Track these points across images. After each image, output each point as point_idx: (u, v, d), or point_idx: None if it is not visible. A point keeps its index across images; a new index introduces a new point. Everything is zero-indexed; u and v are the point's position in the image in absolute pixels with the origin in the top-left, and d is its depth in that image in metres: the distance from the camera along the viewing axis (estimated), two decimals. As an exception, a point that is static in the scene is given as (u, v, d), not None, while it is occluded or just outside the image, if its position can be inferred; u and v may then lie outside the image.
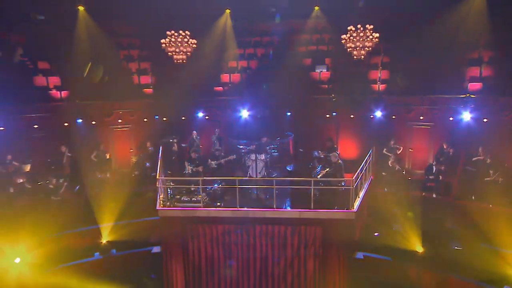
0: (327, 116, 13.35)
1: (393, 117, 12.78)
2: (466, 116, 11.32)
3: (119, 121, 13.11)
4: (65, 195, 11.07)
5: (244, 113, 13.40)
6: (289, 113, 13.55)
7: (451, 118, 11.87)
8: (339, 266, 9.30)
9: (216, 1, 15.91)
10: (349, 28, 13.23)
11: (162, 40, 13.84)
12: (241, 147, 11.83)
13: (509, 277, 8.33)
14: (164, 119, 13.38)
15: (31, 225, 9.68)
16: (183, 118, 13.63)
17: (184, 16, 14.54)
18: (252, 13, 17.11)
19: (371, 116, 12.86)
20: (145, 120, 13.33)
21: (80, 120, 12.33)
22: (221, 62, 14.95)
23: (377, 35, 13.20)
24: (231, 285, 9.67)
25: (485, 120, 11.20)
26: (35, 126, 11.83)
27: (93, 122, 12.58)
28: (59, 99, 12.99)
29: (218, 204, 9.60)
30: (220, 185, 10.10)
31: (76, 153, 12.00)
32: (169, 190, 9.75)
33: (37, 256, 9.54)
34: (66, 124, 12.22)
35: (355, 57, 13.58)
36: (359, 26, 13.08)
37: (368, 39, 13.20)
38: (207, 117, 13.81)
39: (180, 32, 13.82)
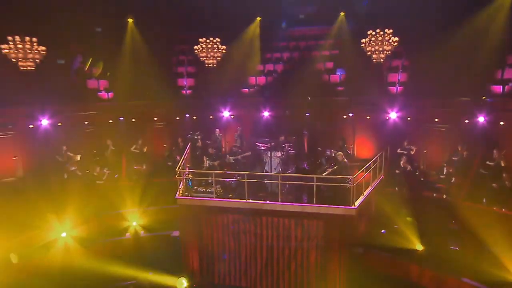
0: (344, 117, 13.21)
1: (408, 118, 12.34)
2: (481, 118, 10.67)
3: (155, 119, 14.00)
4: (107, 182, 12.13)
5: (266, 113, 13.71)
6: (308, 114, 13.56)
7: (466, 121, 11.25)
8: (340, 259, 9.33)
9: (248, 8, 16.40)
10: (368, 32, 12.97)
11: (196, 47, 14.53)
12: (259, 144, 12.16)
13: (507, 282, 7.85)
14: (194, 117, 14.08)
15: (78, 205, 10.86)
16: (210, 117, 14.24)
17: (217, 24, 15.11)
18: (281, 19, 17.39)
19: (387, 118, 12.54)
20: (177, 118, 14.10)
21: (122, 118, 13.39)
22: (248, 65, 15.29)
23: (397, 39, 12.80)
24: (240, 270, 10.07)
25: (501, 123, 10.49)
26: (86, 123, 13.08)
27: (133, 120, 13.58)
28: (106, 99, 14.19)
29: (230, 196, 10.00)
30: (237, 179, 10.48)
31: (118, 146, 13.11)
32: (189, 181, 10.35)
33: (80, 232, 10.65)
34: (110, 121, 13.35)
35: (374, 60, 13.28)
36: (378, 30, 12.77)
37: (387, 42, 12.85)
38: (232, 117, 14.28)
39: (211, 39, 14.42)
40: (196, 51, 14.60)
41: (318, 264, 9.54)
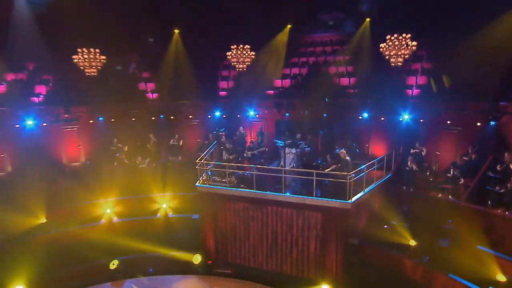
0: (360, 118, 13.06)
1: (421, 120, 11.87)
2: (493, 122, 10.01)
3: (190, 117, 15.08)
4: (147, 170, 13.42)
5: (288, 113, 14.06)
6: (325, 115, 13.62)
7: (478, 124, 10.57)
8: (337, 248, 9.51)
9: (280, 15, 16.80)
10: (387, 37, 12.67)
11: (228, 53, 15.29)
12: (277, 141, 12.60)
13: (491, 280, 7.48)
14: (224, 116, 14.88)
15: (122, 188, 12.29)
16: (238, 116, 14.94)
17: (249, 31, 15.75)
18: (310, 25, 17.48)
19: (400, 119, 12.18)
20: (209, 116, 15.01)
21: (162, 116, 14.66)
22: (273, 69, 15.68)
23: (415, 43, 12.37)
24: (249, 251, 10.65)
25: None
26: (133, 119, 14.55)
27: (172, 117, 14.79)
28: (151, 99, 15.59)
29: (242, 186, 10.60)
30: (253, 171, 11.01)
31: (159, 140, 14.39)
32: (209, 172, 11.16)
33: (121, 210, 12.04)
34: (153, 118, 14.69)
35: (392, 64, 12.94)
36: (395, 35, 12.44)
37: (404, 47, 12.47)
38: (257, 116, 14.84)
39: (241, 46, 15.07)
40: (228, 56, 15.35)
41: (317, 252, 9.80)
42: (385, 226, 10.14)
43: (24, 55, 13.38)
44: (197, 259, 10.50)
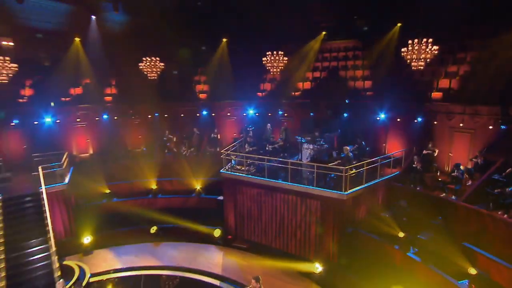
0: (378, 118, 13.23)
1: (435, 122, 11.70)
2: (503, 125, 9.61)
3: (228, 114, 16.72)
4: (190, 158, 15.38)
5: (312, 113, 14.81)
6: (346, 115, 14.04)
7: (490, 127, 10.17)
8: (333, 233, 10.18)
9: (316, 23, 17.50)
10: (409, 42, 12.63)
11: (264, 59, 16.50)
12: (298, 137, 13.49)
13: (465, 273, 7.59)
14: (257, 114, 16.19)
15: (167, 171, 14.40)
16: (269, 114, 16.10)
17: (285, 38, 16.75)
18: (342, 31, 17.72)
19: (415, 120, 12.14)
20: (244, 114, 16.45)
21: (205, 112, 16.55)
22: (301, 73, 16.45)
23: (436, 47, 12.14)
24: (261, 230, 11.84)
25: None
26: (182, 115, 16.70)
27: (213, 114, 16.60)
28: (202, 99, 17.54)
29: (258, 174, 11.79)
30: (271, 163, 12.11)
31: (201, 133, 16.30)
32: (233, 161, 12.59)
33: (164, 188, 14.16)
34: (198, 114, 16.66)
35: (413, 68, 12.83)
36: (416, 40, 12.35)
37: (425, 51, 12.30)
38: (286, 114, 15.82)
39: (275, 52, 16.14)
40: (264, 62, 16.55)
41: (317, 235, 10.56)
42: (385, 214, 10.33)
43: (98, 64, 16.02)
44: (217, 232, 12.05)
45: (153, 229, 12.12)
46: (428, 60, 12.54)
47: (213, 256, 11.31)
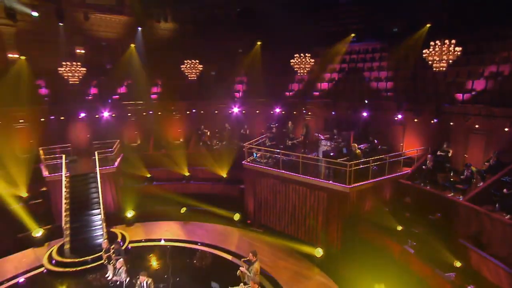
0: (396, 119, 13.27)
1: (451, 123, 11.51)
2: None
3: (257, 112, 17.79)
4: (220, 150, 16.75)
5: (332, 112, 15.24)
6: (364, 114, 14.23)
7: (506, 129, 9.86)
8: (337, 223, 10.74)
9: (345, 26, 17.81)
10: (432, 43, 12.50)
11: (291, 60, 17.23)
12: (317, 134, 14.11)
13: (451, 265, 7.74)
14: (283, 112, 17.01)
15: (200, 160, 15.93)
16: (294, 112, 16.82)
17: (313, 42, 17.34)
18: (370, 32, 17.70)
19: (432, 121, 12.02)
20: (271, 112, 17.38)
21: (236, 109, 17.82)
22: (325, 74, 16.83)
23: (459, 48, 11.86)
24: (275, 217, 12.71)
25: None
26: (216, 112, 18.17)
27: (243, 112, 17.80)
28: (235, 97, 18.88)
29: (275, 166, 12.66)
30: (280, 156, 12.87)
31: (232, 128, 17.60)
32: (254, 154, 13.62)
33: (196, 175, 15.73)
34: (230, 111, 17.99)
35: (435, 69, 12.65)
36: (437, 42, 12.19)
37: (447, 52, 12.08)
38: (309, 113, 16.42)
39: (302, 54, 16.77)
40: (291, 63, 17.28)
41: (324, 224, 11.15)
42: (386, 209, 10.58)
43: (147, 66, 18.00)
44: (237, 216, 13.23)
45: (183, 210, 13.68)
46: (450, 61, 12.32)
47: (231, 236, 12.49)
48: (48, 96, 16.35)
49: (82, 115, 16.22)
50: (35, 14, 14.56)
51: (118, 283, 8.72)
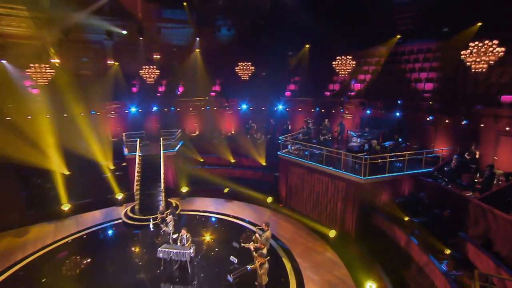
0: (428, 119, 13.24)
1: (482, 125, 11.23)
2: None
3: (299, 109, 18.98)
4: (263, 143, 18.38)
5: (367, 111, 15.66)
6: (398, 114, 14.38)
7: (533, 132, 9.50)
8: (353, 211, 11.56)
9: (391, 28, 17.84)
10: (471, 44, 12.23)
11: (334, 63, 17.95)
12: (350, 132, 14.85)
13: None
14: (323, 110, 17.91)
15: (245, 150, 17.85)
16: (333, 111, 17.58)
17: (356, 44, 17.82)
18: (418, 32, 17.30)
19: (462, 122, 11.84)
20: (312, 110, 18.40)
21: (281, 107, 19.26)
22: (364, 74, 17.10)
23: (502, 49, 11.41)
24: (302, 203, 13.91)
25: None
26: (263, 108, 19.88)
27: (287, 109, 19.18)
28: (289, 96, 20.37)
29: (304, 157, 13.83)
30: (321, 152, 13.94)
31: (276, 123, 19.10)
32: (289, 146, 14.98)
33: (240, 162, 17.68)
34: (275, 108, 19.53)
35: (473, 70, 12.33)
36: (477, 43, 11.88)
37: (490, 53, 11.70)
38: (346, 112, 17.02)
39: (343, 57, 17.39)
40: (333, 65, 18.00)
41: (342, 211, 12.04)
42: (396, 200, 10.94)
43: (208, 68, 20.57)
44: (269, 199, 14.79)
45: (226, 190, 15.77)
46: (491, 62, 11.89)
47: (263, 215, 14.11)
48: (137, 93, 20.11)
49: (154, 108, 19.48)
50: (124, 32, 18.28)
51: (166, 233, 11.10)
